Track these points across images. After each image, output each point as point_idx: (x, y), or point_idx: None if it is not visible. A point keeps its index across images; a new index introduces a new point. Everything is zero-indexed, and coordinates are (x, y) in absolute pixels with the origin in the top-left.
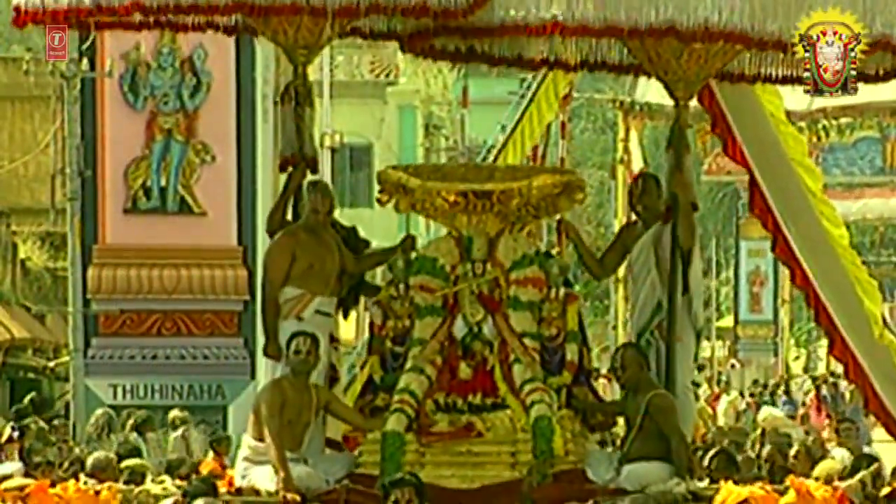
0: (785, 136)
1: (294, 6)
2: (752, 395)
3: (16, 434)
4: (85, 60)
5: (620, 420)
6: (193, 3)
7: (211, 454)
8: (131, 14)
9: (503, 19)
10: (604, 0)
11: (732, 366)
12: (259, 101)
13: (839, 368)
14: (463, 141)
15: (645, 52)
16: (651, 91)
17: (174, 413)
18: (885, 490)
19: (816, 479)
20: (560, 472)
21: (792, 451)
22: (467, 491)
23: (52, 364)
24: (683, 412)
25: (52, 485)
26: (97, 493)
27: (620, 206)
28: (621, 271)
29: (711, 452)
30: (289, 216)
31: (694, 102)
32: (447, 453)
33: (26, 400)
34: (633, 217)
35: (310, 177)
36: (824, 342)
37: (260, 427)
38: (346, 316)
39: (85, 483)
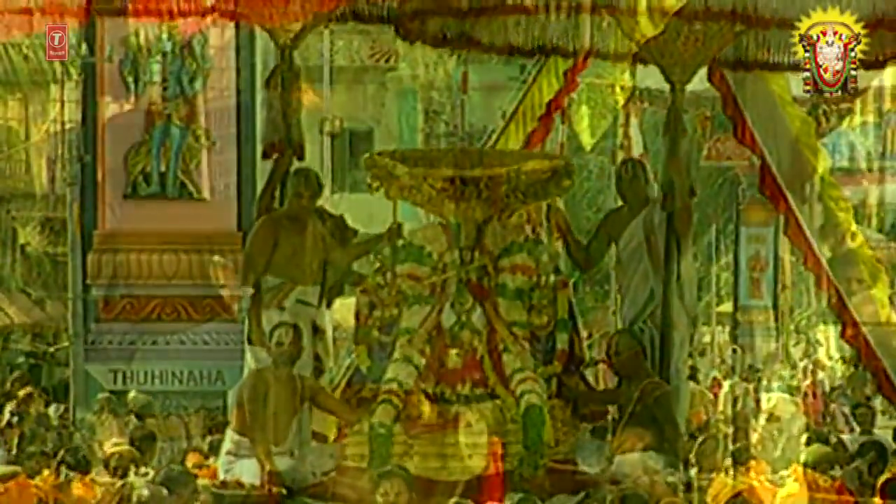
0: (792, 117)
1: None
2: (746, 379)
3: (14, 419)
4: (84, 45)
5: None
6: None
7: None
8: None
9: None
10: None
11: (734, 351)
12: (259, 87)
13: (836, 354)
14: (463, 126)
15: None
16: (651, 76)
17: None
18: (883, 477)
19: (805, 464)
20: (551, 463)
21: (803, 439)
22: (456, 483)
23: (51, 349)
24: (678, 401)
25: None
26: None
27: None
28: None
29: (700, 439)
30: (276, 204)
31: (690, 87)
32: (436, 444)
33: (7, 383)
34: (618, 203)
35: (297, 164)
36: (823, 328)
37: (243, 420)
38: (329, 305)
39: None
